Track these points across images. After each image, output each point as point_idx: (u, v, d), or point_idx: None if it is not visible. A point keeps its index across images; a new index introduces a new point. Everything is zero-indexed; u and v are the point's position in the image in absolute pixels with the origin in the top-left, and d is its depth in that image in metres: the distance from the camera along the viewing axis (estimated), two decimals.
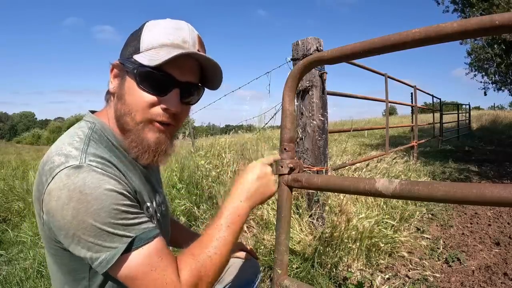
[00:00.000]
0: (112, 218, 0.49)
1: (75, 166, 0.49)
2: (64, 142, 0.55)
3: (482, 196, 0.48)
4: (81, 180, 0.48)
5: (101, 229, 0.48)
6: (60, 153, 0.52)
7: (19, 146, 20.11)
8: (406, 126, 6.00)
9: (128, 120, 0.59)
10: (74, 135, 0.56)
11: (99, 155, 0.53)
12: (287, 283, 0.77)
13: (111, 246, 0.49)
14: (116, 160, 0.57)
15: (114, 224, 0.49)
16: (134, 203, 0.53)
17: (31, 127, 62.74)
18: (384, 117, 6.58)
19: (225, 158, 2.73)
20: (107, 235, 0.48)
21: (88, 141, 0.55)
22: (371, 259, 1.63)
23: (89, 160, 0.51)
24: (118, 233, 0.49)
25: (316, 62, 0.75)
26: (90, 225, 0.48)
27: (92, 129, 0.59)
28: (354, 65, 2.55)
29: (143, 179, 0.65)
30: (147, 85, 0.57)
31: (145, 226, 0.53)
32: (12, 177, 3.90)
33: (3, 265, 1.91)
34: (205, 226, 0.89)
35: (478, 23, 0.50)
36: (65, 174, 0.48)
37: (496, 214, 2.54)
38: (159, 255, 0.52)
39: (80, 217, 0.47)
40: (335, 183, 0.71)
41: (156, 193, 0.71)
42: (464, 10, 6.45)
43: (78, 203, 0.47)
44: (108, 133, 0.61)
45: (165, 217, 0.75)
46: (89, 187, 0.48)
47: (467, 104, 11.56)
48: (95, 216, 0.48)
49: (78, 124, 0.62)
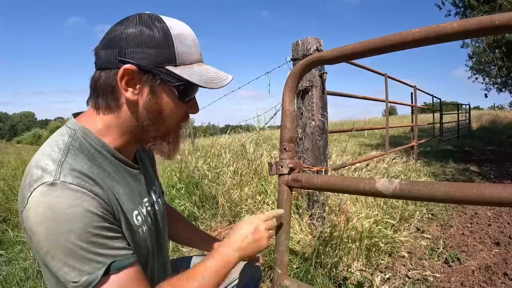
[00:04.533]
0: (83, 241, 0.47)
1: (49, 183, 0.48)
2: (44, 152, 0.54)
3: (482, 196, 0.48)
4: (54, 198, 0.47)
5: (72, 250, 0.47)
6: (38, 165, 0.51)
7: (19, 146, 20.07)
8: (406, 126, 6.00)
9: (156, 129, 0.61)
10: (54, 144, 0.55)
11: (76, 168, 0.51)
12: (287, 283, 0.77)
13: (81, 269, 0.48)
14: (96, 171, 0.55)
15: (84, 248, 0.48)
16: (110, 225, 0.52)
17: (31, 127, 62.68)
18: (384, 117, 6.58)
19: (225, 158, 2.73)
20: (78, 257, 0.47)
21: (66, 151, 0.53)
22: (371, 259, 1.64)
23: (64, 175, 0.49)
24: (90, 257, 0.48)
25: (316, 62, 0.75)
26: (62, 245, 0.47)
27: (72, 137, 0.56)
28: (354, 65, 2.55)
29: (130, 181, 0.64)
30: (186, 97, 0.61)
31: (121, 252, 0.52)
32: (12, 177, 3.90)
33: (3, 265, 1.91)
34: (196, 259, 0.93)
35: (478, 23, 0.50)
36: (40, 191, 0.48)
37: (496, 214, 2.54)
38: (132, 284, 0.51)
39: (52, 236, 0.47)
40: (335, 183, 0.71)
41: (149, 193, 0.70)
42: (465, 12, 6.44)
43: (52, 222, 0.47)
44: (91, 138, 0.58)
45: (160, 216, 0.73)
46: (60, 207, 0.47)
47: (467, 104, 11.57)
48: (67, 236, 0.47)
49: (60, 130, 0.59)
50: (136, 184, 0.65)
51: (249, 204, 2.17)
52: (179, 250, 1.86)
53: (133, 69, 0.54)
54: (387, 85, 3.33)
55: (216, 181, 2.51)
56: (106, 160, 0.59)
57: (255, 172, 2.48)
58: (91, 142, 0.58)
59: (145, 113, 0.59)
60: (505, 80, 7.52)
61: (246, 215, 2.12)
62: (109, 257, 0.49)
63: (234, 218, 2.19)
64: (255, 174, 2.46)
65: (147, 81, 0.56)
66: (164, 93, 0.58)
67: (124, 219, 0.57)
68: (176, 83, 0.57)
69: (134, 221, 0.60)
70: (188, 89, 0.60)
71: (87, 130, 0.59)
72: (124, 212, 0.58)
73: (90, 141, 0.58)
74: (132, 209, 0.61)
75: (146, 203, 0.67)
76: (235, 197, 2.28)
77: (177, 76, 0.57)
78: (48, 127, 52.80)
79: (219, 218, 2.23)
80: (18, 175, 4.03)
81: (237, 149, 2.95)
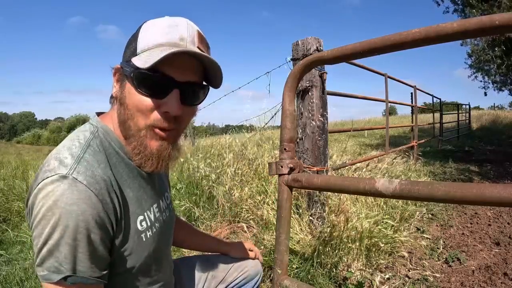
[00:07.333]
0: (65, 241, 0.48)
1: (61, 175, 0.49)
2: (65, 145, 0.55)
3: (482, 196, 0.48)
4: (60, 191, 0.48)
5: (51, 243, 0.48)
6: (57, 157, 0.52)
7: (19, 146, 20.09)
8: (406, 126, 6.00)
9: (131, 125, 0.57)
10: (75, 138, 0.56)
11: (91, 167, 0.52)
12: (287, 283, 0.77)
13: (47, 262, 0.49)
14: (110, 172, 0.56)
15: (61, 246, 0.48)
16: (102, 235, 0.52)
17: (31, 127, 62.76)
18: (384, 117, 6.58)
19: (226, 159, 2.73)
20: (51, 251, 0.48)
21: (86, 147, 0.54)
22: (371, 259, 1.63)
23: (77, 172, 0.50)
24: (58, 258, 0.48)
25: (316, 62, 0.75)
26: (47, 232, 0.48)
27: (93, 134, 0.58)
28: (354, 65, 2.55)
29: (144, 185, 0.64)
30: (145, 88, 0.55)
31: (86, 271, 0.51)
32: (12, 177, 3.89)
33: (3, 265, 1.91)
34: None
35: (478, 23, 0.50)
36: (51, 180, 0.49)
37: (496, 214, 2.54)
38: None
39: (45, 221, 0.48)
40: (335, 183, 0.71)
41: (160, 199, 0.70)
42: (464, 10, 6.44)
43: (49, 211, 0.47)
44: (111, 138, 0.59)
45: (168, 223, 0.73)
46: (64, 201, 0.48)
47: (467, 104, 11.57)
48: (55, 227, 0.47)
49: (84, 126, 0.61)
50: (148, 188, 0.65)
51: (249, 204, 2.17)
52: (179, 250, 1.86)
53: (117, 68, 0.59)
54: (387, 85, 3.33)
55: (217, 181, 2.51)
56: (122, 162, 0.60)
57: (255, 172, 2.48)
58: (111, 142, 0.59)
59: (119, 106, 0.59)
60: (504, 78, 7.51)
61: (246, 215, 2.13)
62: (72, 270, 0.49)
63: (234, 218, 2.19)
64: (255, 174, 2.46)
65: (122, 76, 0.59)
66: (127, 85, 0.57)
67: (125, 223, 0.58)
68: (130, 71, 0.55)
69: (137, 226, 0.61)
70: (143, 77, 0.54)
71: (109, 130, 0.60)
72: (129, 216, 0.59)
73: (110, 141, 0.59)
74: (138, 214, 0.61)
75: (156, 208, 0.67)
76: (235, 197, 2.28)
77: (131, 64, 0.55)
78: (48, 127, 52.85)
79: (219, 218, 2.23)
80: (18, 175, 4.03)
81: (238, 149, 2.95)
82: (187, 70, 0.57)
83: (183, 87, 0.57)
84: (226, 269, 0.92)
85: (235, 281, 0.92)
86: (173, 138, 0.61)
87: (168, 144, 0.60)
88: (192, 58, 0.57)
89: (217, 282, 0.90)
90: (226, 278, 0.91)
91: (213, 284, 0.90)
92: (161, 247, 0.68)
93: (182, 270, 0.89)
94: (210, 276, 0.90)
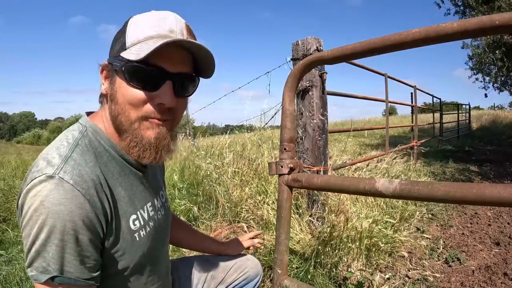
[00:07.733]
0: (52, 242, 0.48)
1: (48, 175, 0.49)
2: (54, 145, 0.55)
3: (482, 196, 0.48)
4: (47, 191, 0.48)
5: (38, 243, 0.48)
6: (45, 157, 0.52)
7: (19, 146, 20.09)
8: (406, 126, 6.00)
9: (123, 120, 0.57)
10: (64, 138, 0.56)
11: (78, 166, 0.52)
12: (287, 283, 0.77)
13: (34, 262, 0.49)
14: (99, 170, 0.55)
15: (48, 246, 0.48)
16: (91, 236, 0.51)
17: (31, 127, 62.71)
18: (384, 117, 6.58)
19: (226, 158, 2.73)
20: (38, 251, 0.48)
21: (74, 146, 0.54)
22: (371, 259, 1.63)
23: (64, 172, 0.50)
24: (46, 258, 0.48)
25: (316, 62, 0.75)
26: (34, 233, 0.48)
27: (82, 133, 0.57)
28: (354, 65, 2.55)
29: (137, 184, 0.63)
30: (137, 81, 0.55)
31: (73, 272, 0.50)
32: (12, 177, 3.89)
33: (3, 265, 1.91)
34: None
35: (478, 23, 0.50)
36: (38, 180, 0.49)
37: (496, 214, 2.54)
38: None
39: (33, 221, 0.48)
40: (335, 183, 0.71)
41: (154, 197, 0.69)
42: (465, 12, 6.45)
43: (36, 212, 0.48)
44: (101, 137, 0.59)
45: (163, 222, 0.72)
46: (50, 201, 0.47)
47: (467, 104, 11.57)
48: (42, 228, 0.47)
49: (73, 126, 0.61)
50: (141, 187, 0.65)
51: (249, 204, 2.16)
52: (179, 250, 1.86)
53: (105, 64, 0.59)
54: (387, 85, 3.33)
55: (217, 180, 2.51)
56: (113, 160, 0.59)
57: (256, 172, 2.48)
58: (101, 140, 0.59)
59: (110, 103, 0.59)
60: (505, 80, 7.52)
61: (246, 215, 2.12)
62: (59, 271, 0.49)
63: (234, 218, 2.19)
64: (255, 174, 2.46)
65: (111, 72, 0.58)
66: (117, 80, 0.57)
67: (116, 222, 0.57)
68: (121, 65, 0.55)
69: (130, 225, 0.60)
70: (135, 69, 0.54)
71: (99, 129, 0.60)
72: (119, 216, 0.58)
73: (100, 139, 0.59)
74: (131, 213, 0.61)
75: (150, 207, 0.66)
76: (235, 197, 2.28)
77: (121, 58, 0.55)
78: (48, 127, 52.87)
79: (219, 218, 2.23)
80: (18, 175, 4.03)
81: (238, 149, 2.95)
82: (178, 61, 0.57)
83: (175, 78, 0.57)
84: (226, 270, 0.92)
85: (235, 282, 0.92)
86: (169, 128, 0.60)
87: (167, 132, 0.59)
88: (182, 50, 0.58)
89: (216, 282, 0.90)
90: (226, 278, 0.91)
91: (213, 284, 0.90)
92: (156, 246, 0.68)
93: (181, 270, 0.88)
94: (209, 277, 0.90)
